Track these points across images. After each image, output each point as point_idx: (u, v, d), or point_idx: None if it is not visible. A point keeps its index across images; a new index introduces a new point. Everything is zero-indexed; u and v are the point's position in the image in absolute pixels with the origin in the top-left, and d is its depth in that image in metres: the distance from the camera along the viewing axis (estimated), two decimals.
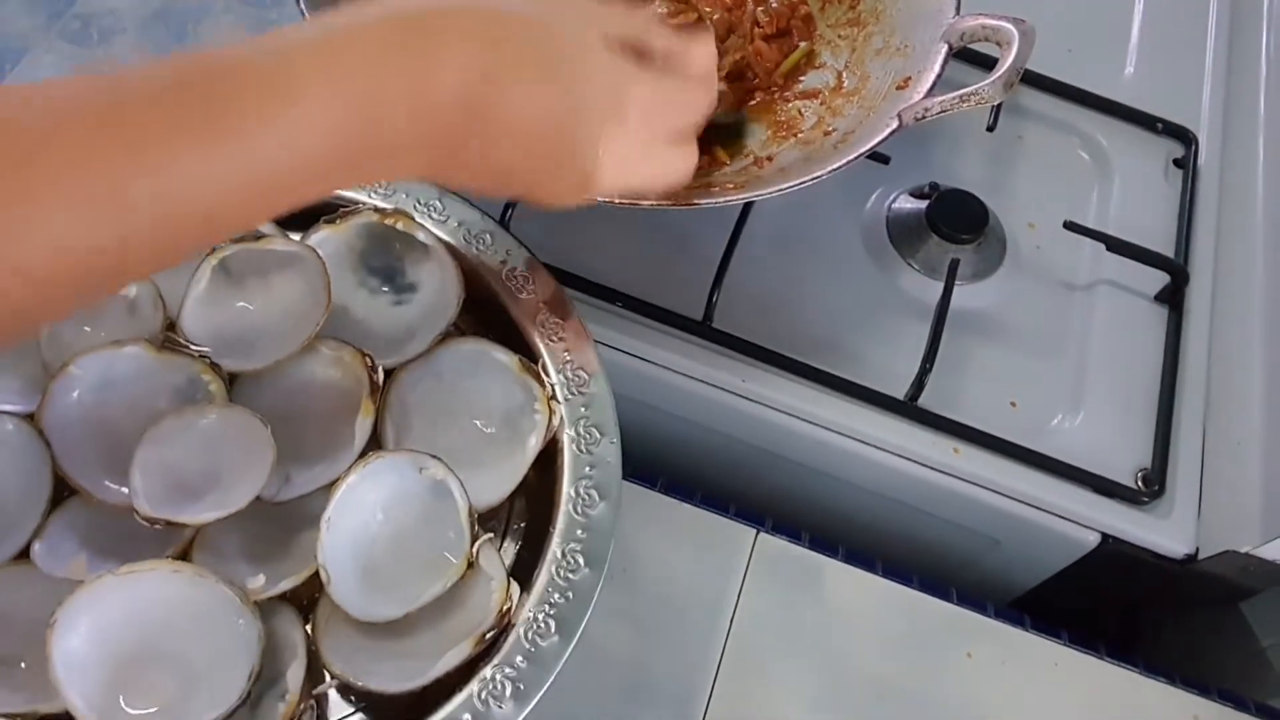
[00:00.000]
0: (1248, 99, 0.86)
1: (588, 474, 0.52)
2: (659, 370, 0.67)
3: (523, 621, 0.48)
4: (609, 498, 0.52)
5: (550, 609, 0.48)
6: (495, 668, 0.46)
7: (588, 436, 0.54)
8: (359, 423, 0.51)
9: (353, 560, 0.49)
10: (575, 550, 0.50)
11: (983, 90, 0.59)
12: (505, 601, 0.47)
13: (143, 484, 0.48)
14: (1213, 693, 0.63)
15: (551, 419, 0.53)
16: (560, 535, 0.51)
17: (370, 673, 0.47)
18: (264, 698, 0.46)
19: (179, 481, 0.49)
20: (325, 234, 0.57)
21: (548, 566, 0.49)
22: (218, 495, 0.49)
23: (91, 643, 0.44)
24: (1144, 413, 0.69)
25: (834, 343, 0.69)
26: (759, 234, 0.71)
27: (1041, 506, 0.66)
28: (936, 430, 0.66)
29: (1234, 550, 0.63)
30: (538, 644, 0.47)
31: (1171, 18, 0.91)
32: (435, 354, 0.56)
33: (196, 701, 0.44)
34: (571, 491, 0.52)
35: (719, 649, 0.60)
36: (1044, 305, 0.74)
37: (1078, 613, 0.70)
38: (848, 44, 0.76)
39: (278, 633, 0.48)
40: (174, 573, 0.46)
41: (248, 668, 0.45)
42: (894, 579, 0.64)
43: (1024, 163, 0.81)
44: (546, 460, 0.53)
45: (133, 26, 2.08)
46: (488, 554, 0.49)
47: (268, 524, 0.51)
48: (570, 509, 0.51)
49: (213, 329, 0.54)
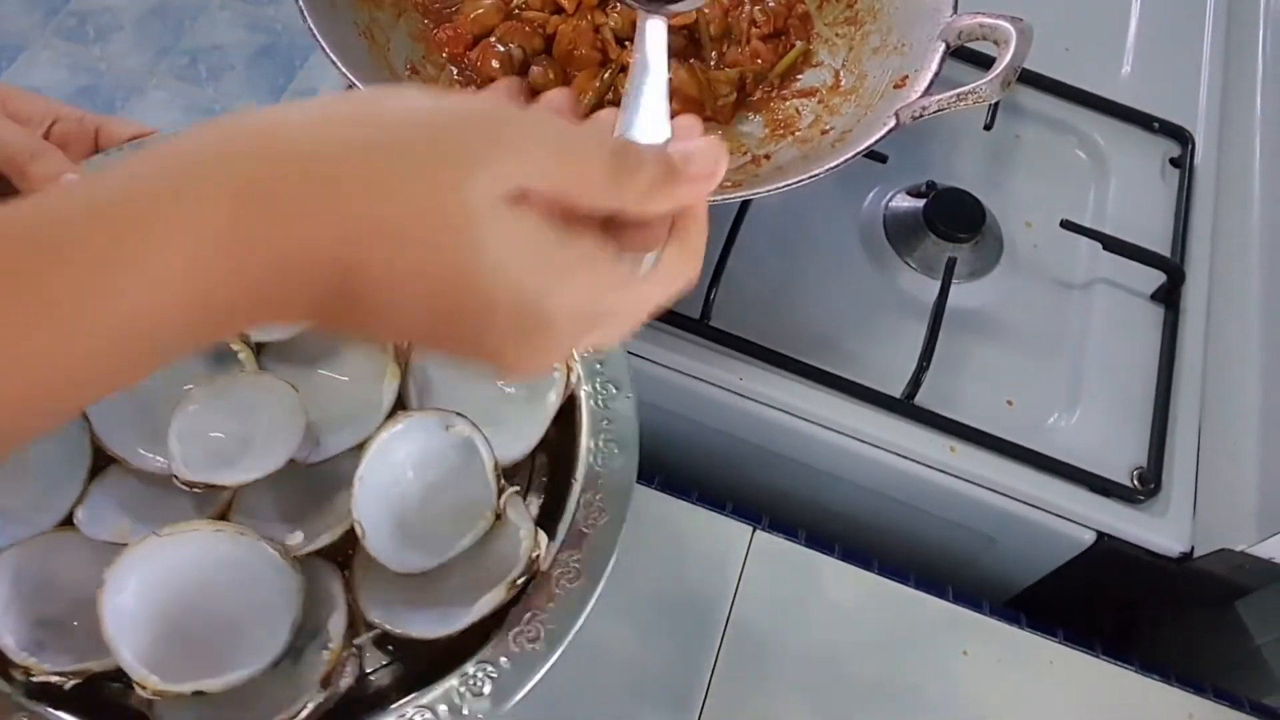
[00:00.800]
0: (1244, 99, 0.86)
1: (605, 428, 0.54)
2: (657, 368, 0.67)
3: (552, 567, 0.49)
4: (627, 449, 0.54)
5: (575, 555, 0.50)
6: (528, 611, 0.48)
7: (604, 392, 0.55)
8: (386, 385, 0.53)
9: (386, 515, 0.50)
10: (597, 500, 0.52)
11: (980, 89, 0.59)
12: (534, 549, 0.49)
13: (180, 450, 0.49)
14: (1208, 691, 0.63)
15: (570, 376, 0.55)
16: (582, 486, 0.52)
17: (408, 620, 0.48)
18: (306, 649, 0.48)
19: (214, 447, 0.51)
20: None
21: (571, 515, 0.51)
22: (251, 459, 0.50)
23: (140, 600, 0.45)
24: (1140, 411, 0.70)
25: (831, 341, 0.69)
26: (756, 232, 0.71)
27: (1038, 505, 0.66)
28: (933, 428, 0.66)
29: (1229, 549, 0.63)
30: (566, 588, 0.49)
31: (1168, 17, 0.92)
32: None
33: (241, 653, 0.46)
34: (591, 444, 0.54)
35: (715, 646, 0.60)
36: (1041, 304, 0.74)
37: (1074, 611, 0.71)
38: (845, 43, 0.76)
39: (317, 586, 0.49)
40: (215, 532, 0.47)
41: (290, 619, 0.46)
42: (890, 577, 0.64)
43: (1021, 162, 0.81)
44: (565, 416, 0.55)
45: (129, 24, 2.07)
46: (515, 505, 0.51)
47: (300, 486, 0.53)
48: (591, 460, 0.53)
49: None
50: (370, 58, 0.68)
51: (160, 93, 1.98)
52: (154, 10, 2.10)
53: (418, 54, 0.73)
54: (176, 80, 2.01)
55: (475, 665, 0.47)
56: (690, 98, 0.71)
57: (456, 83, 0.72)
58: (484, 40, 0.72)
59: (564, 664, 0.58)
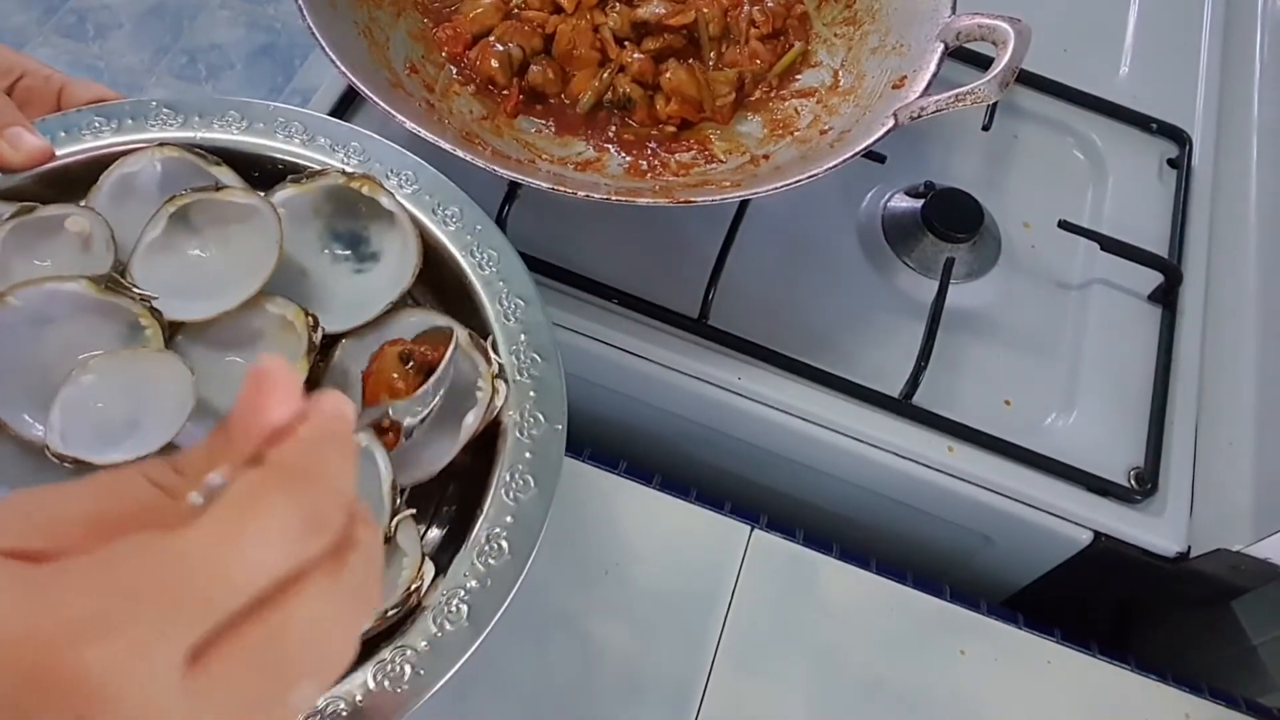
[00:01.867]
0: (1241, 99, 0.86)
1: (526, 459, 0.50)
2: (655, 367, 0.67)
3: (433, 606, 0.45)
4: (543, 486, 0.49)
5: (465, 594, 0.46)
6: (395, 649, 0.44)
7: (531, 421, 0.51)
8: None
9: None
10: (500, 536, 0.48)
11: (978, 89, 0.59)
12: (415, 580, 0.45)
13: (61, 421, 0.47)
14: (1204, 691, 0.63)
15: (494, 398, 0.51)
16: (486, 519, 0.48)
17: None
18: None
19: (101, 422, 0.48)
20: (290, 192, 0.56)
21: (469, 551, 0.47)
22: (136, 440, 0.48)
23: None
24: (1137, 411, 0.70)
25: (830, 341, 0.70)
26: (755, 232, 0.71)
27: (1035, 504, 0.66)
28: (931, 428, 0.67)
29: (1225, 549, 0.63)
30: (445, 629, 0.45)
31: (1166, 18, 0.92)
32: (384, 323, 0.55)
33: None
34: (506, 475, 0.50)
35: (713, 646, 0.60)
36: (1038, 304, 0.74)
37: (1071, 610, 0.71)
38: (844, 43, 0.76)
39: None
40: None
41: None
42: (888, 576, 0.64)
43: (1019, 162, 0.81)
44: (488, 443, 0.51)
45: (129, 21, 2.07)
46: (406, 530, 0.48)
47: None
48: (502, 493, 0.49)
49: (163, 276, 0.53)
50: (369, 57, 0.68)
51: (159, 91, 1.98)
52: (153, 8, 2.10)
53: (417, 53, 0.73)
54: (175, 79, 2.01)
55: (330, 699, 0.43)
56: (689, 98, 0.71)
57: (456, 81, 0.72)
58: (483, 40, 0.73)
59: (561, 662, 0.58)
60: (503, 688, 0.57)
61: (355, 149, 0.60)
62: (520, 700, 0.57)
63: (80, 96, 0.58)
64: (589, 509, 0.63)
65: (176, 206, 0.54)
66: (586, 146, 0.71)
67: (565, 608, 0.60)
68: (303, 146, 0.59)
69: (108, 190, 0.55)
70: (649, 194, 0.64)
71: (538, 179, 0.60)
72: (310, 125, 0.60)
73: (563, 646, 0.58)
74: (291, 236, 0.55)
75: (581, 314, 0.67)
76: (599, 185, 0.66)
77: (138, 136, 0.57)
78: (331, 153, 0.59)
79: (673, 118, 0.71)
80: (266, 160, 0.59)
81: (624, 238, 0.72)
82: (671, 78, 0.71)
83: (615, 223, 0.72)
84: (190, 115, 0.59)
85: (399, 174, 0.59)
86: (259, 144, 0.59)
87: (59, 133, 0.56)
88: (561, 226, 0.71)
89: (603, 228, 0.72)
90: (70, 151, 0.56)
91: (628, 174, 0.70)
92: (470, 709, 0.56)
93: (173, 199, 0.54)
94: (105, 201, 0.55)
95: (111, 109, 0.57)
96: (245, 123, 0.59)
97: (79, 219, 0.53)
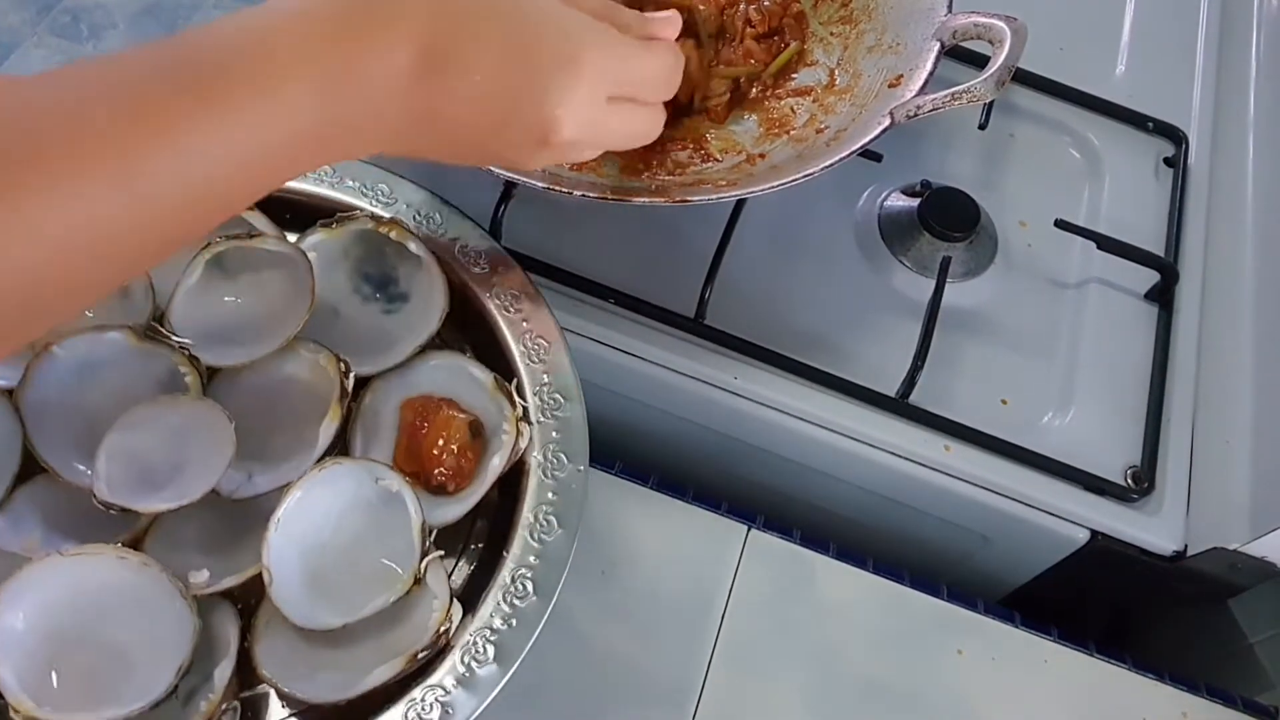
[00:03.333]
0: (1238, 98, 0.86)
1: (550, 499, 0.52)
2: (651, 367, 0.67)
3: (461, 645, 0.47)
4: (568, 526, 0.51)
5: (491, 634, 0.48)
6: (427, 689, 0.46)
7: (555, 462, 0.53)
8: (324, 426, 0.51)
9: (300, 564, 0.49)
10: (525, 577, 0.50)
11: (975, 88, 0.59)
12: (444, 622, 0.47)
13: (106, 469, 0.48)
14: (1201, 689, 0.63)
15: (519, 440, 0.53)
16: (513, 560, 0.50)
17: (302, 680, 0.46)
18: (196, 693, 0.46)
19: (144, 470, 0.49)
20: (321, 237, 0.58)
21: (495, 592, 0.49)
22: (177, 487, 0.49)
23: (31, 620, 0.44)
24: (1134, 410, 0.70)
25: (826, 340, 0.69)
26: (751, 231, 0.71)
27: (1032, 503, 0.66)
28: (928, 427, 0.66)
29: (1222, 547, 0.63)
30: (473, 669, 0.47)
31: (1162, 17, 0.92)
32: (413, 365, 0.56)
33: (128, 688, 0.44)
34: (530, 516, 0.51)
35: (710, 645, 0.60)
36: (1035, 303, 0.74)
37: (1068, 609, 0.71)
38: (840, 41, 0.76)
39: (214, 631, 0.48)
40: (119, 559, 0.46)
41: (178, 661, 0.45)
42: (885, 576, 0.64)
43: (1015, 161, 0.81)
44: (513, 483, 0.53)
45: (123, 21, 2.07)
46: (435, 572, 0.49)
47: (227, 520, 0.51)
48: (527, 534, 0.51)
49: (200, 322, 0.54)
50: None
51: None
52: (148, 7, 2.09)
53: None
54: None
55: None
56: (689, 74, 0.70)
57: None
58: None
59: (558, 662, 0.58)
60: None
61: (383, 191, 0.61)
62: (517, 700, 0.57)
63: None
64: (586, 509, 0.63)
65: (212, 253, 0.55)
66: None
67: (562, 608, 0.59)
68: (331, 189, 0.61)
69: None
70: (645, 193, 0.63)
71: (532, 178, 0.60)
72: (338, 166, 0.61)
73: (560, 646, 0.58)
74: (322, 278, 0.56)
75: (577, 314, 0.67)
76: (594, 184, 0.66)
77: None
78: (361, 195, 0.61)
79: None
80: (294, 203, 0.60)
81: (620, 237, 0.71)
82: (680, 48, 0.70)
83: (611, 222, 0.72)
84: None
85: (427, 216, 0.61)
86: (289, 187, 0.60)
87: None
88: (557, 226, 0.71)
89: (598, 227, 0.72)
90: None
91: (624, 173, 0.70)
92: None
93: (208, 245, 0.55)
94: None
95: None
96: None
97: None
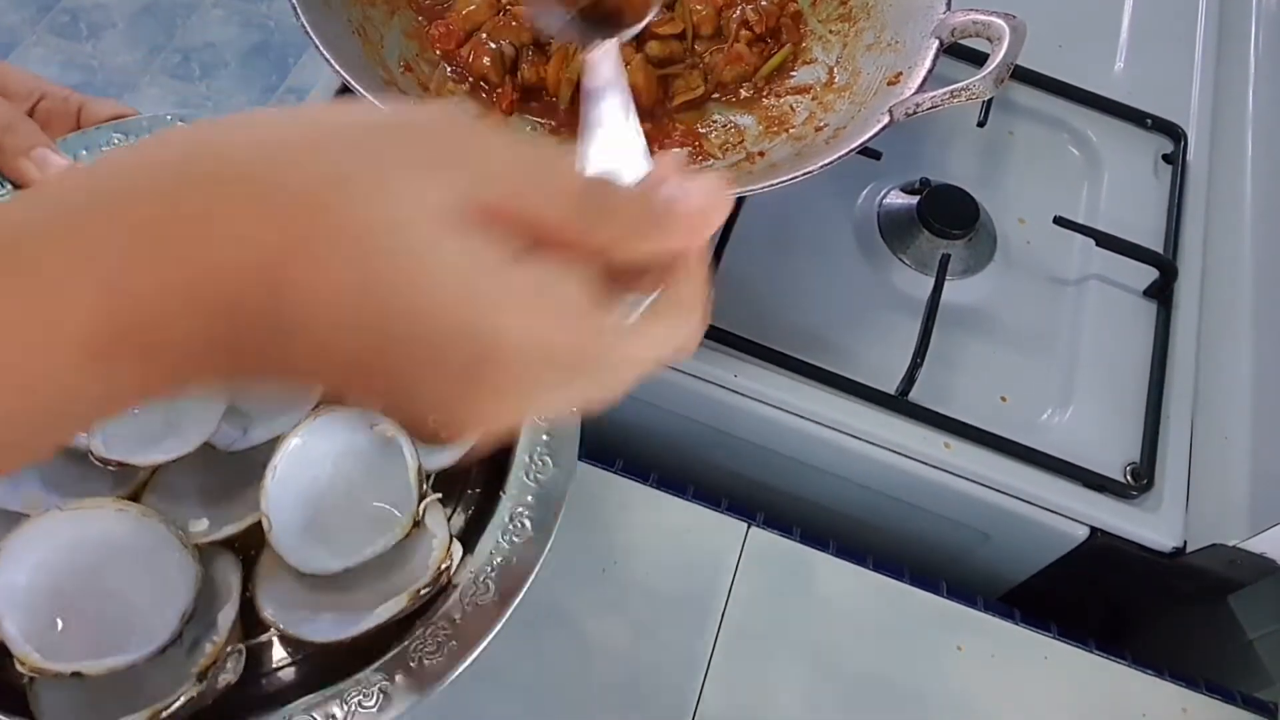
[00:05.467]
0: (1236, 95, 0.86)
1: (543, 439, 0.52)
2: None
3: (463, 582, 0.48)
4: (562, 463, 0.52)
5: (492, 571, 0.48)
6: (430, 624, 0.47)
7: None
8: None
9: (297, 511, 0.49)
10: (522, 515, 0.50)
11: (973, 85, 0.59)
12: (445, 560, 0.47)
13: (102, 429, 0.49)
14: (1201, 685, 0.63)
15: None
16: (509, 499, 0.50)
17: (304, 622, 0.47)
18: (200, 641, 0.46)
19: (139, 428, 0.50)
20: None
21: (493, 530, 0.50)
22: (173, 441, 0.49)
23: (33, 576, 0.45)
24: (1133, 407, 0.70)
25: (826, 338, 0.70)
26: (751, 229, 0.71)
27: (1031, 500, 0.66)
28: (927, 425, 0.67)
29: (1221, 544, 0.63)
30: (476, 604, 0.47)
31: (1161, 13, 0.92)
32: None
33: (133, 638, 0.45)
34: (525, 456, 0.52)
35: (710, 643, 0.60)
36: (1034, 300, 0.74)
37: (1067, 606, 0.71)
38: (839, 39, 0.76)
39: (216, 577, 0.48)
40: (119, 511, 0.47)
41: (180, 607, 0.45)
42: (885, 573, 0.64)
43: (1014, 158, 0.81)
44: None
45: (122, 20, 2.07)
46: (434, 514, 0.49)
47: (224, 473, 0.51)
48: (521, 474, 0.51)
49: None
50: (364, 55, 0.68)
51: (154, 90, 1.98)
52: (147, 7, 2.09)
53: (411, 51, 0.73)
54: (169, 77, 2.00)
55: (371, 673, 0.46)
56: (638, 87, 0.71)
57: (450, 80, 0.72)
58: (474, 36, 0.72)
59: (559, 660, 0.58)
60: (500, 686, 0.57)
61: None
62: (517, 698, 0.57)
63: (99, 114, 0.59)
64: (586, 507, 0.63)
65: None
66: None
67: (562, 605, 0.60)
68: None
69: None
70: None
71: None
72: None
73: (560, 644, 0.58)
74: None
75: None
76: None
77: None
78: None
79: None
80: None
81: None
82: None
83: None
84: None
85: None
86: None
87: (80, 150, 0.56)
88: None
89: None
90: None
91: None
92: (467, 708, 0.56)
93: None
94: None
95: (130, 124, 0.58)
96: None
97: None
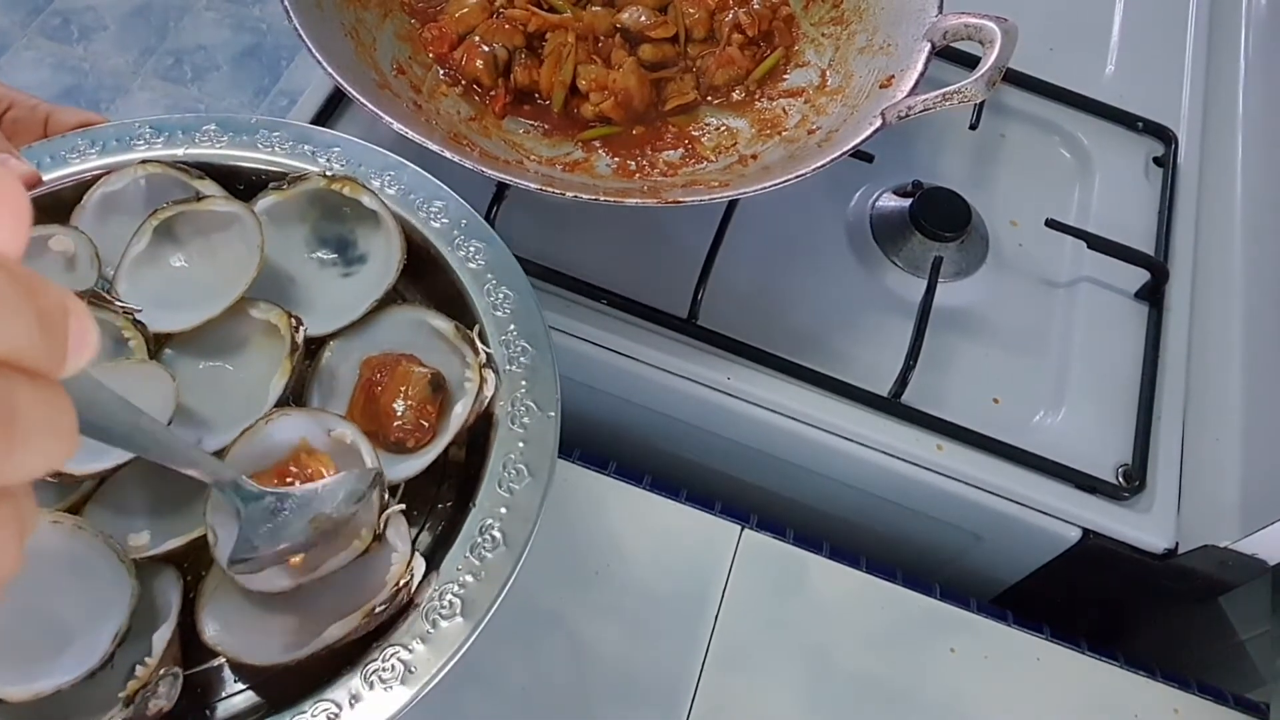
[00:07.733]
0: (1227, 98, 0.87)
1: (519, 449, 0.49)
2: (644, 368, 0.67)
3: (424, 601, 0.44)
4: (537, 475, 0.48)
5: (458, 588, 0.45)
6: (388, 648, 0.43)
7: (523, 410, 0.50)
8: (273, 382, 0.49)
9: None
10: (493, 529, 0.47)
11: (965, 88, 0.60)
12: (404, 575, 0.44)
13: None
14: (1193, 686, 0.64)
15: (483, 388, 0.50)
16: (479, 511, 0.47)
17: (250, 645, 0.44)
18: (138, 664, 0.44)
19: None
20: (273, 199, 0.56)
21: (461, 544, 0.46)
22: (117, 450, 0.46)
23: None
24: (1125, 409, 0.70)
25: (818, 340, 0.70)
26: (744, 232, 0.71)
27: (1024, 502, 0.66)
28: (920, 427, 0.67)
29: (1213, 545, 0.63)
30: (438, 624, 0.44)
31: (1152, 17, 0.92)
32: (373, 321, 0.54)
33: (64, 658, 0.42)
34: (499, 466, 0.48)
35: (704, 645, 0.60)
36: (1026, 302, 0.74)
37: (1060, 607, 0.71)
38: (831, 42, 0.76)
39: (157, 596, 0.45)
40: (52, 524, 0.44)
41: (113, 627, 0.43)
42: (878, 575, 0.64)
43: (1006, 161, 0.81)
44: (481, 438, 0.50)
45: (113, 23, 2.06)
46: (396, 526, 0.46)
47: (176, 485, 0.48)
48: (495, 485, 0.48)
49: (148, 288, 0.53)
50: (356, 58, 0.68)
51: (145, 93, 1.97)
52: (138, 10, 2.09)
53: (404, 54, 0.73)
54: (161, 80, 2.00)
55: (315, 702, 0.42)
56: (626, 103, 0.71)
57: (444, 82, 0.72)
58: (467, 39, 0.72)
59: (552, 663, 0.58)
60: (493, 689, 0.57)
61: (338, 154, 0.59)
62: (511, 701, 0.57)
63: (66, 122, 0.59)
64: (579, 510, 0.63)
65: (160, 220, 0.54)
66: (574, 147, 0.71)
67: (556, 608, 0.60)
68: (286, 156, 0.59)
69: (92, 209, 0.55)
70: (637, 194, 0.63)
71: (526, 180, 0.60)
72: (292, 134, 0.60)
73: (553, 647, 0.58)
74: (277, 244, 0.54)
75: (570, 314, 0.67)
76: (587, 186, 0.66)
77: (123, 158, 0.57)
78: (314, 159, 0.59)
79: (604, 115, 0.71)
80: (250, 172, 0.59)
81: (613, 238, 0.71)
82: (619, 80, 0.71)
83: (604, 223, 0.72)
84: (174, 133, 0.59)
85: (382, 175, 0.58)
86: (242, 155, 0.59)
87: (45, 158, 0.56)
88: (550, 227, 0.71)
89: (591, 228, 0.72)
90: (57, 176, 0.56)
91: (616, 174, 0.70)
92: (461, 710, 0.56)
93: (155, 212, 0.54)
94: (90, 220, 0.55)
95: (96, 133, 0.58)
96: (228, 136, 0.59)
97: (63, 238, 0.53)
